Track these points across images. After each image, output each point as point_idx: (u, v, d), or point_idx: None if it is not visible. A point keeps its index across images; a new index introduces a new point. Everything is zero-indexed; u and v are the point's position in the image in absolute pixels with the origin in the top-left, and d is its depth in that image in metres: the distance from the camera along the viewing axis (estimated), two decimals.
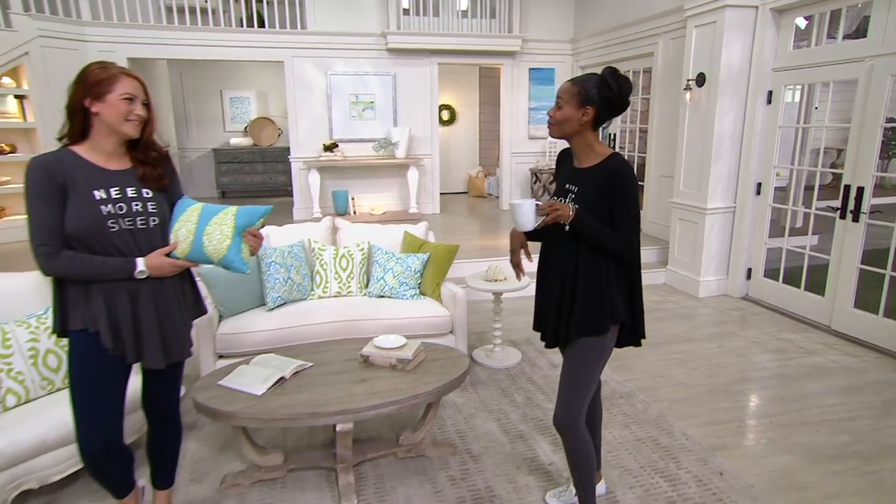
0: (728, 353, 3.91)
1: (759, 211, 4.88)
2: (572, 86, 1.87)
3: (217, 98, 9.76)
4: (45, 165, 1.72)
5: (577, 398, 1.98)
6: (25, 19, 5.86)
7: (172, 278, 1.91)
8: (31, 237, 1.70)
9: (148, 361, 1.86)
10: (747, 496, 2.39)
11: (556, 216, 1.83)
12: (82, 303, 1.77)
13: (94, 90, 1.73)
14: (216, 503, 2.39)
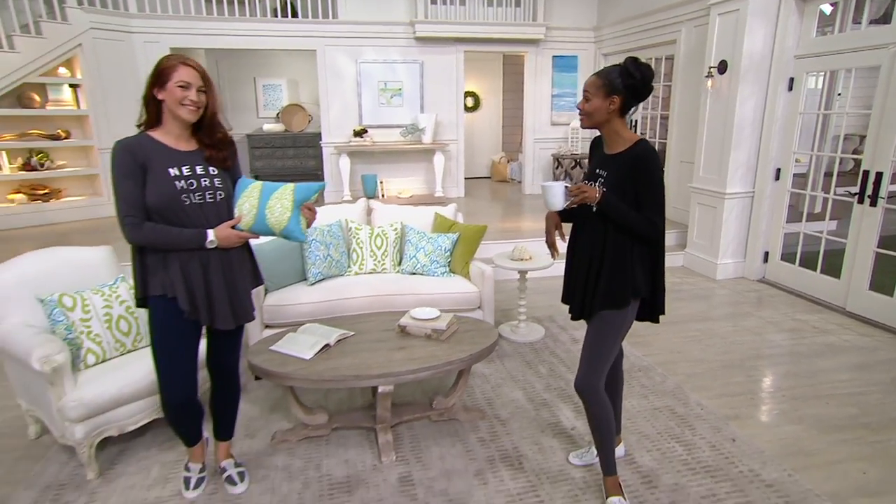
0: (743, 331, 3.99)
1: (778, 196, 4.89)
2: (597, 79, 1.97)
3: (251, 85, 9.92)
4: (127, 148, 1.90)
5: (598, 365, 2.11)
6: (79, 13, 6.09)
7: (237, 250, 2.10)
8: (118, 210, 1.89)
9: (219, 323, 2.04)
10: (758, 460, 2.51)
11: (584, 198, 1.95)
12: (161, 269, 1.95)
13: (159, 79, 1.90)
14: (268, 456, 2.58)
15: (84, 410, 2.30)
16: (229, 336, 2.20)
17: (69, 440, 2.34)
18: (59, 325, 2.52)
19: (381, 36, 7.41)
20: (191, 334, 2.04)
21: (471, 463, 2.52)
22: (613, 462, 2.23)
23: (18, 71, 5.79)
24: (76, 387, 2.34)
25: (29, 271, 2.63)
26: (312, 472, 2.46)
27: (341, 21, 7.28)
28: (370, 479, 2.42)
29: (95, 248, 2.95)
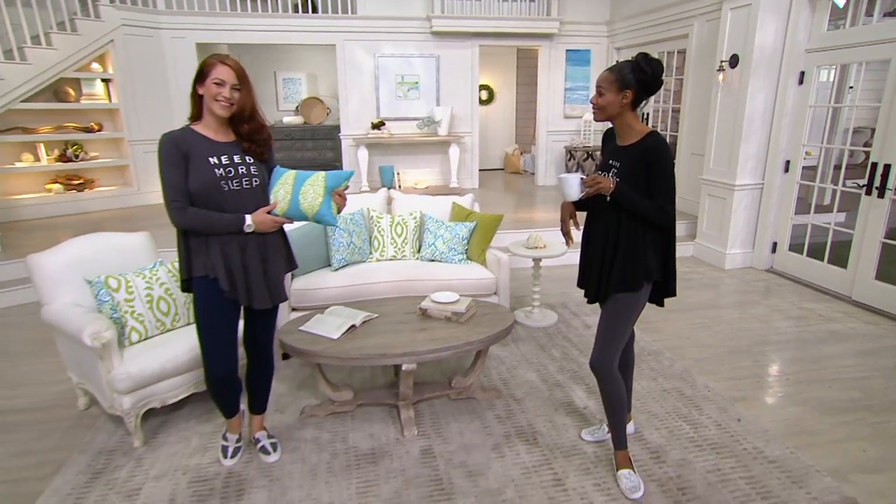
0: (750, 318, 4.04)
1: (787, 188, 4.91)
2: (610, 74, 2.04)
3: (271, 79, 10.03)
4: (172, 139, 2.02)
5: (612, 345, 2.19)
6: (111, 10, 6.23)
7: (272, 235, 2.21)
8: (165, 196, 2.01)
9: (256, 303, 2.16)
10: (761, 439, 2.58)
11: (598, 188, 2.03)
12: (203, 252, 2.07)
13: (200, 75, 2.03)
14: (298, 429, 2.70)
15: (131, 383, 2.43)
16: (265, 316, 2.32)
17: (117, 410, 2.48)
18: (104, 304, 2.66)
19: (398, 30, 7.47)
20: (231, 313, 2.16)
21: (488, 438, 2.62)
22: (624, 437, 2.32)
23: (55, 66, 5.95)
24: (123, 362, 2.47)
25: (76, 255, 2.77)
26: (340, 445, 2.58)
27: (360, 16, 7.35)
28: (394, 451, 2.53)
29: (135, 234, 3.09)
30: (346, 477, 2.35)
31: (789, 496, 2.21)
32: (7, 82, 5.67)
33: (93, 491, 2.26)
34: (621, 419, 2.29)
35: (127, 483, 2.31)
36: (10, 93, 5.71)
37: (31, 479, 2.34)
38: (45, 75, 5.90)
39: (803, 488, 2.25)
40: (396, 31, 7.47)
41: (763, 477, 2.32)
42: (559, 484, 2.30)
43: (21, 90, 5.78)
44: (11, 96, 5.73)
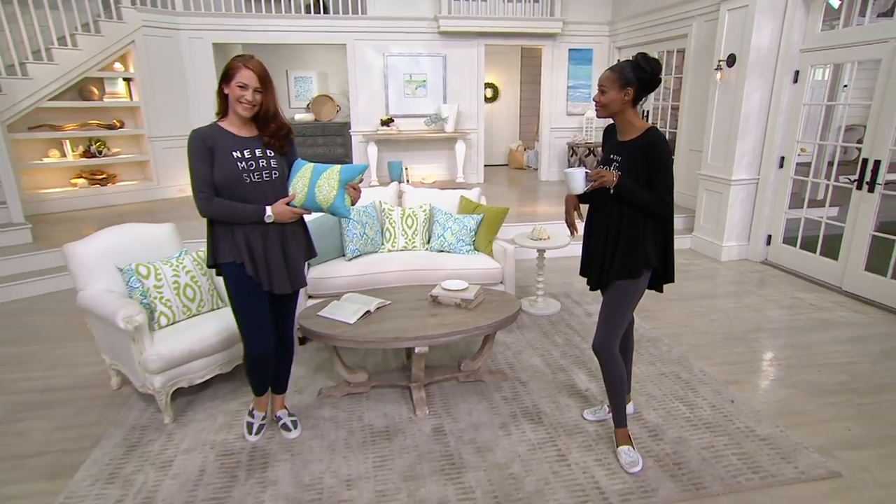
0: (745, 308, 4.10)
1: (781, 183, 4.95)
2: (612, 73, 2.10)
3: (283, 77, 10.09)
4: (200, 135, 2.11)
5: (613, 329, 2.26)
6: (133, 12, 6.30)
7: (291, 225, 2.28)
8: (193, 187, 2.10)
9: (277, 288, 2.24)
10: (753, 418, 2.66)
11: (603, 181, 2.09)
12: (229, 239, 2.16)
13: (226, 77, 2.10)
14: (316, 409, 2.79)
15: (162, 363, 2.53)
16: (286, 302, 2.40)
17: (149, 389, 2.58)
18: (135, 290, 2.76)
19: (406, 30, 7.51)
20: (262, 294, 2.24)
21: (495, 417, 2.71)
22: (624, 416, 2.40)
23: (80, 66, 6.04)
24: (153, 344, 2.57)
25: (108, 244, 2.86)
26: (356, 423, 2.67)
27: (370, 17, 7.39)
28: (407, 429, 2.62)
29: (161, 225, 3.17)
30: (362, 452, 2.44)
31: (778, 470, 2.29)
32: (36, 81, 5.76)
33: (129, 462, 2.36)
34: (621, 399, 2.37)
35: (160, 455, 2.41)
36: (38, 91, 5.80)
37: (73, 451, 2.45)
38: (70, 75, 5.99)
39: (791, 463, 2.33)
40: (405, 31, 7.51)
41: (754, 453, 2.40)
42: (562, 459, 2.38)
43: (48, 89, 5.87)
44: (39, 95, 5.82)
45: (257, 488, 2.21)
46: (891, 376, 3.05)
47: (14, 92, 5.67)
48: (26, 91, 5.74)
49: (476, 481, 2.25)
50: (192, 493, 2.18)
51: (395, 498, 2.16)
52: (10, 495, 2.20)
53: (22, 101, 5.73)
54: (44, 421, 2.68)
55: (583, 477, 2.27)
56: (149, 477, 2.27)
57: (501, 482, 2.25)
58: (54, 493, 2.19)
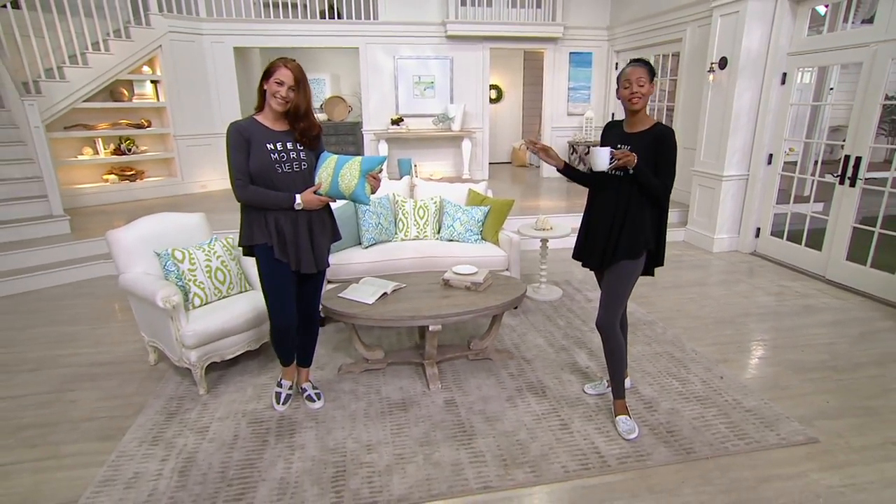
0: (734, 295, 4.18)
1: (770, 179, 5.01)
2: (645, 68, 2.18)
3: None
4: (237, 128, 2.21)
5: (615, 307, 2.35)
6: (160, 18, 6.41)
7: (318, 212, 2.37)
8: (231, 175, 2.21)
9: (304, 268, 2.34)
10: (740, 392, 2.75)
11: (627, 161, 2.11)
12: (262, 224, 2.27)
13: (266, 74, 2.20)
14: (337, 383, 2.89)
15: (198, 339, 2.64)
16: (312, 281, 2.50)
17: (186, 363, 2.70)
18: (171, 274, 2.87)
19: (416, 35, 7.58)
20: (288, 274, 2.35)
21: (503, 391, 2.81)
22: (623, 388, 2.50)
23: (112, 70, 6.14)
24: (189, 322, 2.68)
25: (146, 231, 2.97)
26: (374, 396, 2.77)
27: (381, 21, 7.46)
28: (421, 401, 2.72)
29: (193, 214, 3.27)
30: (381, 421, 2.54)
31: (762, 437, 2.38)
32: (72, 84, 5.88)
33: (170, 427, 2.48)
34: (621, 372, 2.46)
35: (197, 422, 2.52)
36: (74, 93, 5.92)
37: (119, 417, 2.57)
38: (103, 77, 6.10)
39: (774, 430, 2.42)
40: (414, 35, 7.59)
41: (740, 422, 2.49)
42: (565, 428, 2.48)
43: (83, 91, 5.98)
44: (75, 97, 5.94)
45: (286, 451, 2.32)
46: (867, 355, 3.13)
47: (52, 94, 5.78)
48: (63, 93, 5.86)
49: (486, 446, 2.35)
50: (227, 455, 2.29)
51: (412, 460, 2.26)
52: (70, 453, 2.32)
53: (59, 102, 5.85)
54: (91, 391, 2.81)
55: (584, 443, 2.37)
56: (188, 440, 2.39)
57: (509, 447, 2.35)
58: (107, 452, 2.31)
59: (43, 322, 3.70)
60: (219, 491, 2.08)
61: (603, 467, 2.21)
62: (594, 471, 2.20)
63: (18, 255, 4.45)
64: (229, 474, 2.18)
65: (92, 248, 4.68)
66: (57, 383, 2.89)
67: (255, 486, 2.11)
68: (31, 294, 4.23)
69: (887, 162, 4.01)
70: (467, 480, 2.14)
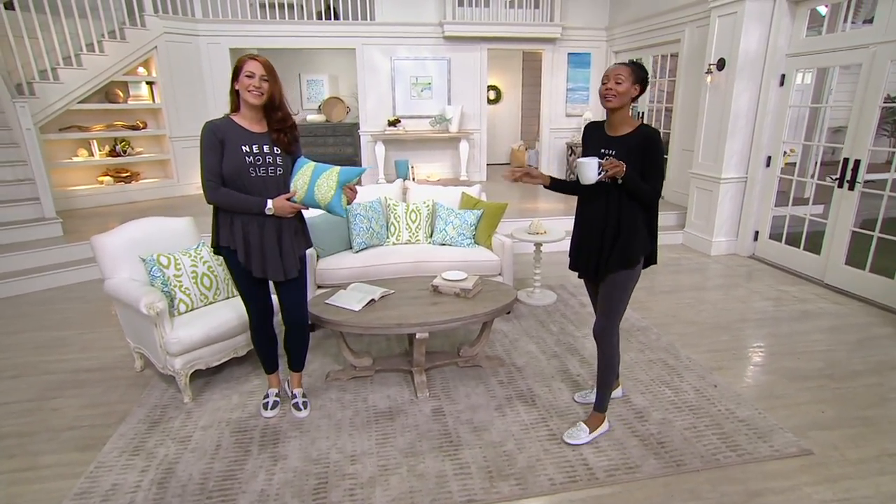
0: (732, 299, 4.12)
1: (768, 181, 4.95)
2: (627, 67, 2.09)
3: (296, 81, 10.13)
4: (212, 127, 2.17)
5: (613, 317, 2.27)
6: (155, 19, 6.38)
7: (288, 218, 2.31)
8: (202, 176, 2.17)
9: (270, 275, 2.31)
10: (734, 401, 2.69)
11: (616, 171, 2.03)
12: (228, 227, 2.23)
13: (235, 73, 2.16)
14: (324, 391, 2.85)
15: (181, 347, 2.60)
16: (290, 288, 2.42)
17: (170, 370, 2.65)
18: (156, 279, 2.82)
19: (413, 35, 7.54)
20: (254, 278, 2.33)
21: (492, 400, 2.76)
22: (607, 402, 2.43)
23: (107, 71, 6.11)
24: (174, 329, 2.64)
25: (132, 236, 2.93)
26: (361, 404, 2.72)
27: (378, 22, 7.42)
28: (408, 410, 2.67)
29: (180, 219, 3.23)
30: (366, 430, 2.50)
31: (754, 448, 2.32)
32: (66, 86, 5.85)
33: (152, 436, 2.44)
34: (609, 385, 2.39)
35: (180, 431, 2.48)
36: (68, 95, 5.89)
37: (101, 426, 2.53)
38: (98, 79, 6.07)
39: (767, 442, 2.37)
40: (411, 36, 7.54)
41: (733, 433, 2.43)
42: (554, 438, 2.43)
43: (78, 92, 5.96)
44: (70, 98, 5.91)
45: (269, 462, 2.27)
46: (864, 363, 3.07)
47: (46, 95, 5.76)
48: (57, 94, 5.83)
49: (472, 457, 2.30)
50: (209, 465, 2.25)
51: (395, 472, 2.21)
52: (48, 464, 2.28)
53: (53, 103, 5.82)
54: (75, 399, 2.77)
55: (572, 454, 2.32)
56: (170, 450, 2.35)
57: (495, 458, 2.30)
58: (86, 462, 2.27)
59: (31, 327, 3.66)
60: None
61: (591, 480, 2.16)
62: (581, 483, 2.15)
63: (9, 259, 4.42)
64: (209, 486, 2.13)
65: (84, 252, 4.64)
66: (40, 390, 2.85)
67: (234, 498, 2.07)
68: (20, 298, 4.20)
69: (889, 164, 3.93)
70: (451, 493, 2.09)
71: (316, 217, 3.52)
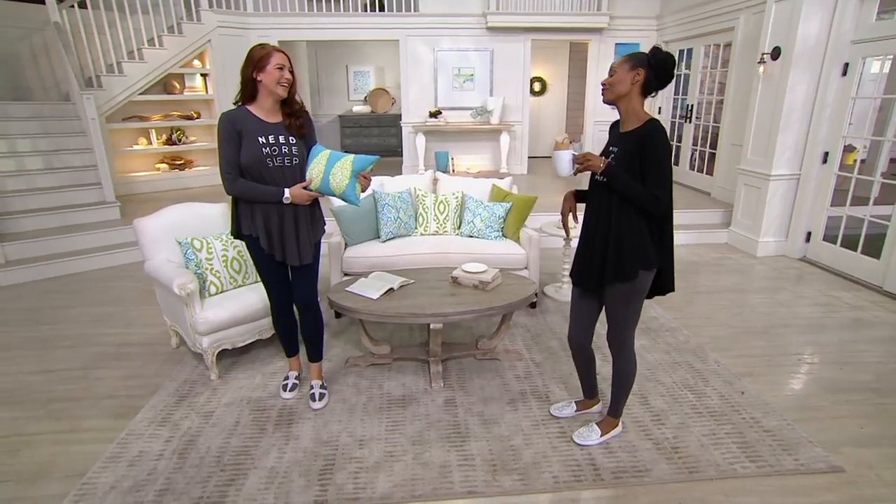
0: (774, 303, 3.88)
1: (824, 179, 4.60)
2: (623, 57, 1.93)
3: (343, 72, 10.33)
4: (229, 118, 2.22)
5: (623, 329, 2.12)
6: (210, 14, 6.66)
7: (304, 207, 2.36)
8: (220, 167, 2.24)
9: (289, 259, 2.37)
10: (761, 410, 2.54)
11: (588, 165, 1.91)
12: (248, 216, 2.30)
13: (258, 64, 2.17)
14: (343, 375, 2.91)
15: (209, 326, 2.73)
16: (302, 273, 2.48)
17: (198, 349, 2.79)
18: (190, 262, 2.97)
19: (456, 26, 7.48)
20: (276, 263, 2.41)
21: (506, 393, 2.73)
22: (621, 408, 2.33)
23: (165, 64, 6.46)
24: (203, 309, 2.77)
25: (170, 220, 3.08)
26: (376, 390, 2.77)
27: (421, 13, 7.41)
28: (421, 399, 2.69)
29: (215, 204, 3.36)
30: (378, 416, 2.54)
31: (776, 461, 2.19)
32: (129, 78, 6.23)
33: (179, 409, 2.58)
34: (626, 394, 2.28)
35: (204, 406, 2.61)
36: (131, 87, 6.28)
37: (135, 396, 2.71)
38: (157, 71, 6.42)
39: (792, 455, 2.22)
40: (454, 27, 7.49)
41: (755, 443, 2.30)
42: (563, 436, 2.38)
43: (139, 84, 6.33)
44: (132, 90, 6.29)
45: (281, 441, 2.35)
46: None
47: (112, 87, 6.15)
48: (121, 86, 6.22)
49: (478, 449, 2.30)
50: (226, 440, 2.36)
51: (401, 459, 2.24)
52: (87, 428, 2.46)
53: (117, 94, 6.21)
54: (116, 370, 2.97)
55: (580, 453, 2.27)
56: (193, 423, 2.48)
57: (501, 452, 2.28)
58: (119, 429, 2.44)
59: (87, 302, 3.95)
60: (211, 475, 2.14)
61: (595, 480, 2.11)
62: (585, 483, 2.09)
63: (74, 238, 4.77)
64: (224, 459, 2.24)
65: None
66: (88, 360, 3.08)
67: (245, 473, 2.16)
68: (81, 275, 4.53)
69: None
70: (452, 484, 2.10)
71: (346, 206, 3.58)
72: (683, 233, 5.32)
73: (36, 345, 3.29)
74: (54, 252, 4.64)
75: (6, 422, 2.52)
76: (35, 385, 2.82)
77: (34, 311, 3.80)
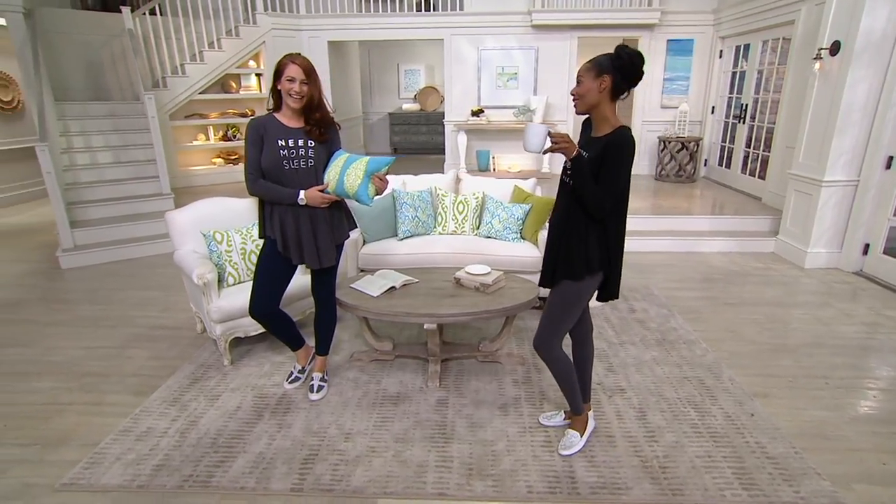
0: (813, 320, 3.55)
1: (888, 186, 4.14)
2: (586, 63, 1.88)
3: (394, 70, 10.48)
4: (254, 123, 2.32)
5: (554, 329, 2.10)
6: (265, 17, 6.98)
7: (323, 209, 2.40)
8: (244, 168, 2.35)
9: (307, 263, 2.43)
10: (768, 435, 2.34)
11: (563, 147, 1.82)
12: (269, 217, 2.38)
13: (277, 74, 2.26)
14: (345, 369, 2.97)
15: (221, 315, 2.87)
16: (323, 274, 2.56)
17: (213, 335, 2.95)
18: (213, 253, 3.13)
19: (500, 25, 7.38)
20: (283, 268, 2.48)
21: (499, 398, 2.69)
22: (580, 405, 2.27)
23: (223, 65, 6.86)
24: (219, 298, 2.92)
25: (198, 213, 3.26)
26: (373, 386, 2.80)
27: (466, 12, 7.37)
28: (415, 397, 2.70)
29: (243, 199, 3.49)
30: (369, 412, 2.57)
31: (773, 491, 2.01)
32: (190, 78, 6.67)
33: (189, 391, 2.74)
34: (574, 390, 2.23)
35: (213, 390, 2.76)
36: (192, 87, 6.71)
37: (156, 376, 2.91)
38: (215, 72, 6.82)
39: (793, 487, 2.04)
40: (498, 26, 7.39)
41: (753, 470, 2.13)
42: (548, 446, 2.31)
43: (199, 84, 6.76)
44: (193, 89, 6.73)
45: (274, 428, 2.44)
46: None
47: (175, 87, 6.60)
48: (184, 86, 6.66)
49: (458, 452, 2.28)
50: (225, 423, 2.48)
51: (381, 455, 2.26)
52: (111, 402, 2.68)
53: (180, 94, 6.66)
54: (145, 350, 3.20)
55: (561, 465, 2.19)
56: (200, 405, 2.62)
57: (481, 456, 2.25)
58: (135, 405, 2.63)
59: (135, 286, 4.28)
60: (205, 455, 2.26)
61: (571, 494, 2.03)
62: (560, 496, 2.03)
63: (133, 226, 5.18)
64: (219, 441, 2.35)
65: None
66: (124, 339, 3.34)
67: (235, 456, 2.26)
68: (134, 261, 4.91)
69: None
70: (425, 484, 2.10)
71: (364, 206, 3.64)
72: (723, 240, 4.98)
73: (87, 322, 3.60)
74: (116, 239, 5.05)
75: (46, 391, 2.78)
76: (76, 359, 3.10)
77: (92, 292, 4.16)
